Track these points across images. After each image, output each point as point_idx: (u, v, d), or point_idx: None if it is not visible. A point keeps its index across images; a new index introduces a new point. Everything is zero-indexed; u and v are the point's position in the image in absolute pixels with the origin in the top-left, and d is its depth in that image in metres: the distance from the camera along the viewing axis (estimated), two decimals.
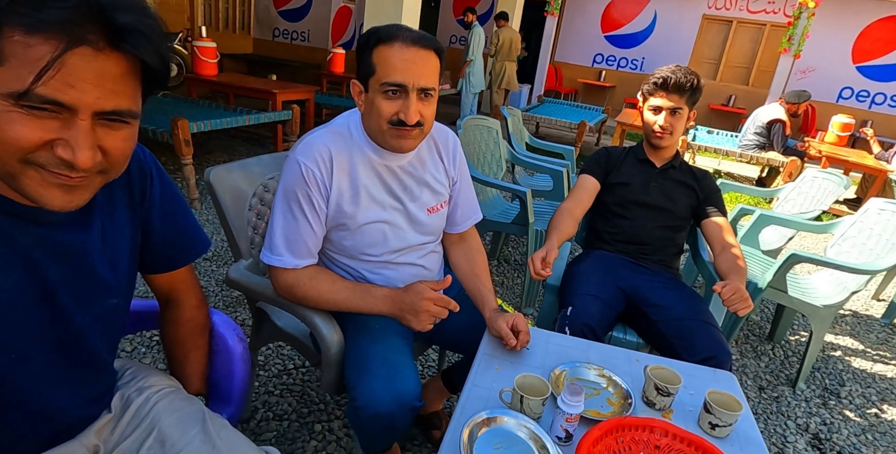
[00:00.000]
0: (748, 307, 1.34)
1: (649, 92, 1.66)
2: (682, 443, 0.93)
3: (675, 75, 1.60)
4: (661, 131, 1.66)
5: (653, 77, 1.65)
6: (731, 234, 1.67)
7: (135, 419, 0.81)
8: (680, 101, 1.62)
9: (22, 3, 0.52)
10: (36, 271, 0.65)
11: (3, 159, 0.56)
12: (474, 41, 6.28)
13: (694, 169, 1.79)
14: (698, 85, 1.62)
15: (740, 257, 1.58)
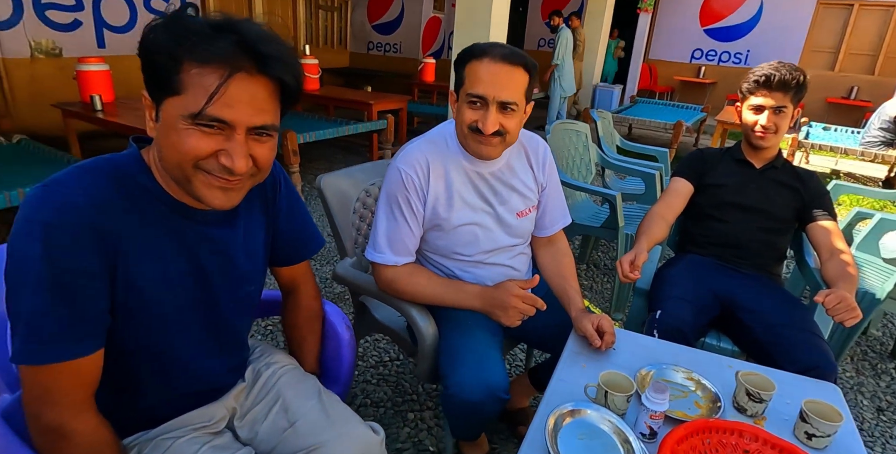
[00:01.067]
0: (856, 317, 1.26)
1: (750, 90, 1.59)
2: (773, 450, 0.92)
3: (779, 72, 1.52)
4: (763, 131, 1.59)
5: (753, 75, 1.58)
6: (840, 240, 1.57)
7: (264, 389, 0.96)
8: (784, 100, 1.55)
9: (196, 40, 0.67)
10: (196, 261, 0.81)
11: (181, 165, 0.71)
12: (561, 44, 6.24)
13: (798, 169, 1.69)
14: (804, 82, 1.54)
15: (851, 264, 1.48)
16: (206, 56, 0.67)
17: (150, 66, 0.69)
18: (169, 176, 0.75)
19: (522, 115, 1.18)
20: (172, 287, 0.78)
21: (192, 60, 0.67)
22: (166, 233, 0.77)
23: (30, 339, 0.66)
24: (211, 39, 0.67)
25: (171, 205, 0.78)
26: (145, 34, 0.69)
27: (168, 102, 0.70)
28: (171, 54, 0.67)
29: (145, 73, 0.70)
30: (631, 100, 6.95)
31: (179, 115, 0.69)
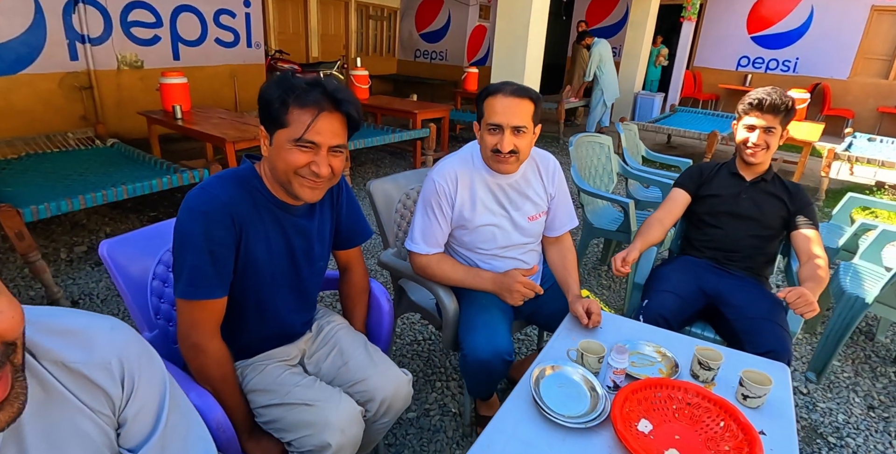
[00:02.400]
0: (813, 311, 1.48)
1: (745, 111, 1.80)
2: (709, 403, 1.19)
3: (770, 97, 1.73)
4: (754, 148, 1.79)
5: (748, 97, 1.78)
6: (818, 246, 1.76)
7: (325, 338, 1.32)
8: (774, 121, 1.74)
9: (298, 93, 1.04)
10: (289, 241, 1.17)
11: (287, 172, 1.08)
12: (593, 61, 6.53)
13: (787, 183, 1.89)
14: (792, 107, 1.75)
15: (822, 267, 1.69)
16: (304, 102, 1.04)
17: (266, 109, 1.06)
18: (275, 181, 1.12)
19: (532, 136, 1.49)
20: (273, 259, 1.15)
21: (296, 105, 1.04)
22: (271, 222, 1.14)
23: (189, 283, 1.04)
24: (307, 92, 1.04)
25: (275, 202, 1.15)
26: (263, 89, 1.06)
27: (279, 133, 1.07)
28: (282, 102, 1.04)
29: (262, 114, 1.08)
30: (670, 109, 7.05)
31: (286, 139, 1.06)
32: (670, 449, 1.09)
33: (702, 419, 1.18)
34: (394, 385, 1.23)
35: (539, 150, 1.65)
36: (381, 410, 1.21)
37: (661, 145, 6.83)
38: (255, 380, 1.17)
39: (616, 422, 1.09)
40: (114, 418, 0.67)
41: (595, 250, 3.43)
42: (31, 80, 5.04)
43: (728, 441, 1.12)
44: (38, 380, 0.60)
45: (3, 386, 0.48)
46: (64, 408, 0.62)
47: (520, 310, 1.62)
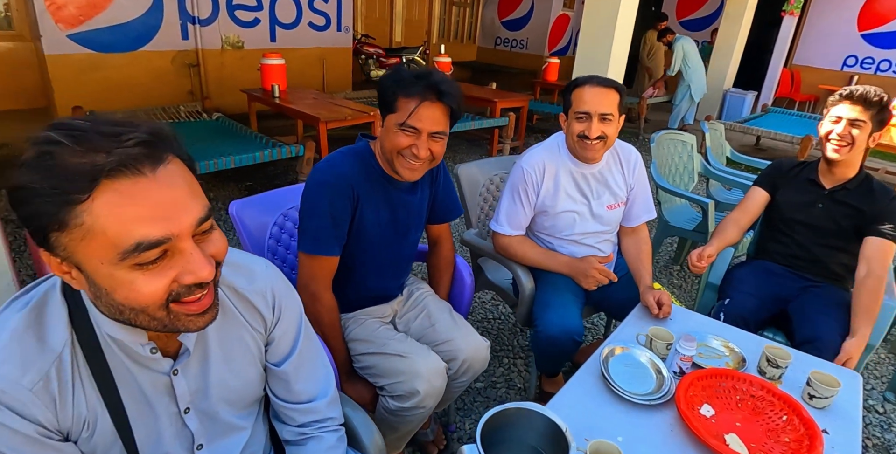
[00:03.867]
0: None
1: (832, 102, 1.67)
2: (773, 397, 1.24)
3: (861, 91, 1.61)
4: (838, 141, 1.63)
5: (840, 91, 1.66)
6: (883, 260, 1.60)
7: (414, 302, 1.49)
8: (863, 114, 1.61)
9: (405, 83, 1.18)
10: (395, 213, 1.33)
11: (391, 152, 1.23)
12: (677, 55, 6.31)
13: (875, 184, 1.73)
14: (885, 102, 1.62)
15: (876, 292, 1.55)
16: (409, 92, 1.18)
17: (381, 95, 1.22)
18: (384, 159, 1.28)
19: (617, 125, 1.57)
20: (380, 227, 1.31)
21: (403, 94, 1.18)
22: (382, 194, 1.30)
23: (313, 240, 1.23)
24: (413, 83, 1.18)
25: (385, 177, 1.31)
26: (381, 78, 1.22)
27: (389, 117, 1.22)
28: (392, 91, 1.19)
29: (379, 99, 1.24)
30: (763, 108, 6.69)
31: (394, 123, 1.21)
32: (731, 433, 1.16)
33: (764, 411, 1.23)
34: (474, 348, 1.37)
35: (622, 141, 1.71)
36: (462, 369, 1.36)
37: (749, 147, 6.53)
38: (356, 331, 1.35)
39: (680, 402, 1.17)
40: (265, 336, 0.84)
41: (668, 249, 3.41)
42: (148, 57, 5.55)
43: (789, 433, 1.17)
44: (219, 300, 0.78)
45: (210, 295, 0.64)
46: (234, 322, 0.80)
47: (591, 295, 1.71)
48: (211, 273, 0.60)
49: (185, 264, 0.59)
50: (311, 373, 0.90)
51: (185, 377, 0.75)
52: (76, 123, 0.54)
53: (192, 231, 0.59)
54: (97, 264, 0.56)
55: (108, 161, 0.52)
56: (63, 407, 0.64)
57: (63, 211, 0.53)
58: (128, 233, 0.54)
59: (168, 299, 0.60)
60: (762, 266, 1.90)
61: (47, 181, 0.52)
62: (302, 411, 0.89)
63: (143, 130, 0.56)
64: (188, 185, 0.59)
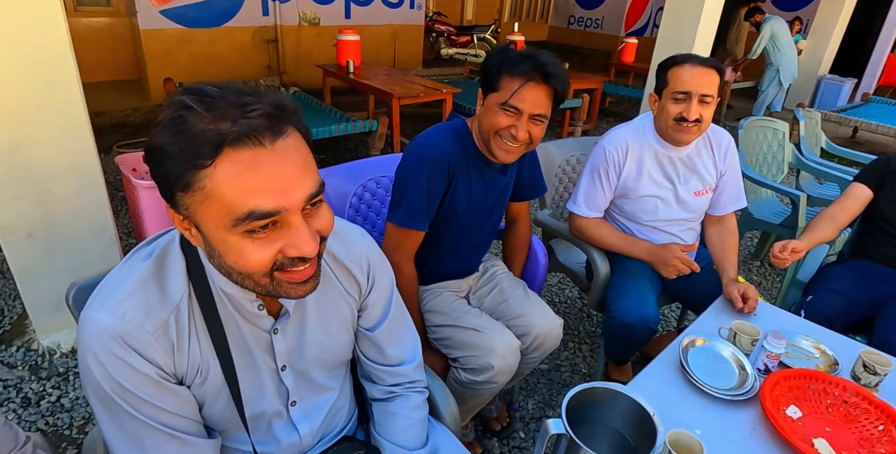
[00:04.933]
0: None
1: None
2: (869, 405, 1.15)
3: None
4: None
5: None
6: None
7: (490, 278, 1.50)
8: None
9: (512, 62, 1.16)
10: (486, 192, 1.33)
11: (489, 132, 1.22)
12: (763, 37, 5.85)
13: None
14: None
15: None
16: (514, 71, 1.16)
17: (485, 73, 1.20)
18: (480, 138, 1.27)
19: (713, 108, 1.48)
20: (471, 205, 1.32)
21: (507, 73, 1.16)
22: (476, 173, 1.30)
23: (406, 213, 1.24)
24: (519, 63, 1.15)
25: (480, 157, 1.30)
26: (487, 56, 1.20)
27: (490, 96, 1.21)
28: (497, 69, 1.18)
29: (482, 77, 1.21)
30: (863, 98, 6.12)
31: (495, 102, 1.19)
32: (819, 438, 1.10)
33: (858, 419, 1.15)
34: (548, 324, 1.36)
35: (714, 125, 1.62)
36: (534, 345, 1.35)
37: (844, 139, 6.02)
38: (432, 303, 1.37)
39: (765, 401, 1.12)
40: (359, 302, 0.87)
41: (749, 244, 3.23)
42: (231, 32, 5.77)
43: (885, 445, 1.09)
44: None
45: (313, 266, 0.67)
46: (331, 287, 0.83)
47: (669, 285, 1.65)
48: (315, 249, 0.62)
49: (292, 238, 0.61)
50: (400, 339, 0.93)
51: (284, 337, 0.79)
52: (207, 90, 0.57)
53: (301, 206, 0.61)
54: (213, 227, 0.59)
55: (232, 130, 0.55)
56: (180, 353, 0.69)
57: (188, 173, 0.56)
58: (242, 202, 0.56)
59: (273, 268, 0.62)
60: (861, 265, 1.76)
61: (177, 144, 0.55)
62: (392, 373, 0.93)
63: (268, 102, 0.58)
64: (303, 159, 0.61)
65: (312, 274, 0.67)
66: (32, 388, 1.76)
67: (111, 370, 0.64)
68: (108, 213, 1.92)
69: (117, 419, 0.67)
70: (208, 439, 0.74)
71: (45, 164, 1.71)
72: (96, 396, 0.66)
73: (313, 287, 0.68)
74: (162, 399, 0.67)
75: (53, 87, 1.66)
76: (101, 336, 0.64)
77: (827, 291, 1.64)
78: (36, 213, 1.76)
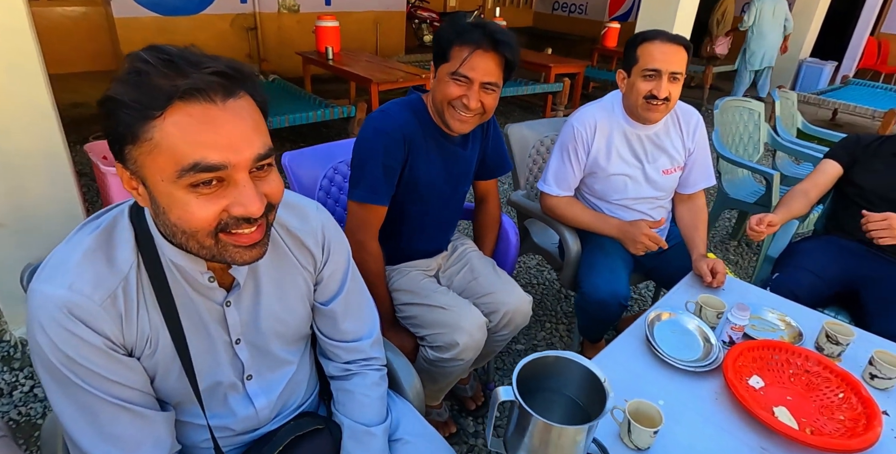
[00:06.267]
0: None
1: None
2: (830, 373, 1.17)
3: None
4: None
5: None
6: None
7: (458, 257, 1.49)
8: None
9: (461, 31, 1.15)
10: (446, 166, 1.33)
11: (442, 103, 1.21)
12: (752, 11, 5.82)
13: None
14: None
15: None
16: (464, 40, 1.15)
17: (436, 45, 1.18)
18: (435, 110, 1.26)
19: (681, 85, 1.48)
20: (430, 180, 1.31)
21: (457, 43, 1.16)
22: (434, 147, 1.29)
23: (365, 189, 1.23)
24: (468, 31, 1.15)
25: (438, 131, 1.29)
26: (438, 28, 1.18)
27: (442, 67, 1.20)
28: (448, 39, 1.17)
29: (433, 50, 1.20)
30: (842, 80, 6.17)
31: (446, 72, 1.19)
32: (780, 406, 1.12)
33: (819, 387, 1.17)
34: (517, 301, 1.36)
35: (682, 103, 1.62)
36: (503, 322, 1.36)
37: (824, 122, 6.07)
38: (400, 282, 1.37)
39: (727, 372, 1.13)
40: (314, 275, 0.87)
41: (727, 224, 3.26)
42: (210, 20, 5.67)
43: (845, 412, 1.11)
44: (272, 238, 0.80)
45: (259, 231, 0.67)
46: (285, 260, 0.82)
47: (641, 262, 1.66)
48: (260, 209, 0.63)
49: (238, 195, 0.61)
50: (357, 314, 0.93)
51: (238, 309, 0.78)
52: (167, 48, 0.58)
53: (249, 165, 0.61)
54: (158, 180, 0.60)
55: (185, 83, 0.56)
56: (128, 324, 0.68)
57: (138, 124, 0.57)
58: (189, 152, 0.58)
59: (217, 228, 0.62)
60: (833, 242, 1.78)
61: (131, 94, 0.56)
62: (347, 349, 0.92)
63: (224, 63, 0.60)
64: (255, 121, 0.62)
65: (259, 239, 0.67)
66: (5, 379, 1.74)
67: (59, 342, 0.63)
68: (77, 202, 1.89)
69: (69, 393, 0.66)
70: (162, 412, 0.73)
71: (12, 153, 1.69)
72: (46, 370, 0.66)
73: (260, 253, 0.68)
74: (112, 370, 0.67)
75: (17, 75, 1.63)
76: (48, 307, 0.63)
77: (795, 268, 1.66)
78: (5, 202, 1.73)
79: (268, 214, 0.67)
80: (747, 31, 5.96)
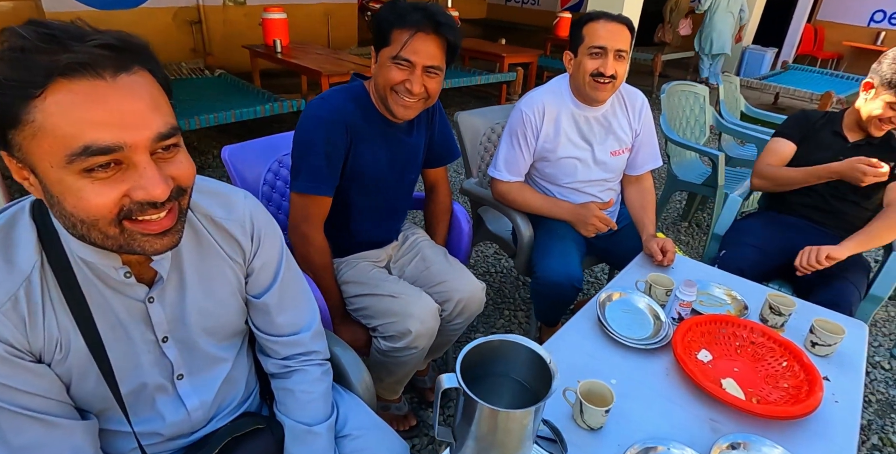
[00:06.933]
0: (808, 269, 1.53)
1: (882, 86, 1.58)
2: (774, 344, 1.21)
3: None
4: (888, 123, 1.63)
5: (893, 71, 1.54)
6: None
7: (409, 247, 1.46)
8: None
9: (401, 13, 1.12)
10: (391, 154, 1.29)
11: (385, 88, 1.18)
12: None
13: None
14: None
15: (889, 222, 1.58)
16: (404, 23, 1.12)
17: (376, 28, 1.14)
18: (377, 97, 1.22)
19: (627, 64, 1.49)
20: (377, 167, 1.27)
21: (398, 26, 1.12)
22: (378, 134, 1.26)
23: (307, 180, 1.18)
24: (409, 13, 1.12)
25: (381, 117, 1.26)
26: (376, 12, 1.14)
27: (383, 51, 1.16)
28: (388, 22, 1.13)
29: (374, 35, 1.16)
30: (783, 66, 6.42)
31: (387, 57, 1.15)
32: (728, 378, 1.14)
33: (764, 358, 1.20)
34: (470, 289, 1.35)
35: (627, 85, 1.63)
36: (457, 310, 1.34)
37: (767, 106, 6.31)
38: (349, 274, 1.33)
39: (676, 347, 1.15)
40: (244, 267, 0.82)
41: (677, 206, 3.34)
42: (150, 13, 5.41)
43: (788, 379, 1.14)
44: (194, 229, 0.75)
45: (170, 217, 0.62)
46: (211, 252, 0.77)
47: (594, 245, 1.67)
48: (165, 192, 0.58)
49: (138, 179, 0.57)
50: (293, 306, 0.88)
51: (162, 305, 0.73)
52: (48, 22, 0.53)
53: (149, 145, 0.56)
54: (47, 167, 0.54)
55: (65, 58, 0.50)
56: (33, 328, 0.63)
57: (16, 105, 0.52)
58: (77, 135, 0.52)
59: (120, 215, 0.58)
60: (775, 217, 1.84)
61: (6, 73, 0.51)
62: (285, 344, 0.88)
63: (113, 35, 0.54)
64: (153, 99, 0.57)
65: (171, 226, 0.62)
66: None
67: None
68: None
69: None
70: (80, 421, 0.68)
71: None
72: None
73: (173, 241, 0.63)
74: (16, 379, 0.62)
75: None
76: None
77: (740, 245, 1.71)
78: None
79: (179, 199, 0.62)
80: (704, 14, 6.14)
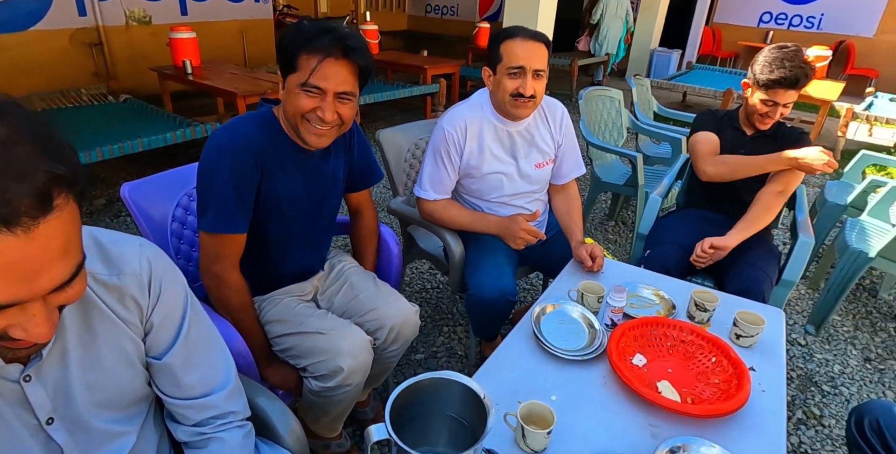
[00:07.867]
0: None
1: (765, 85, 1.67)
2: (702, 340, 1.25)
3: (793, 73, 1.62)
4: (770, 120, 1.75)
5: (769, 70, 1.65)
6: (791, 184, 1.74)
7: (336, 276, 1.39)
8: (794, 95, 1.67)
9: (308, 38, 1.06)
10: (307, 182, 1.23)
11: (295, 116, 1.11)
12: (598, 8, 6.56)
13: (787, 130, 1.82)
14: (811, 74, 1.65)
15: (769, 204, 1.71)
16: (312, 48, 1.06)
17: (281, 53, 1.08)
18: (288, 124, 1.15)
19: (545, 81, 1.50)
20: (292, 197, 1.20)
21: (305, 51, 1.06)
22: (292, 162, 1.19)
23: (215, 217, 1.09)
24: (316, 38, 1.06)
25: (293, 145, 1.19)
26: (281, 34, 1.08)
27: (290, 77, 1.10)
28: (294, 46, 1.07)
29: (278, 58, 1.10)
30: (687, 66, 6.86)
31: (295, 84, 1.09)
32: (663, 380, 1.16)
33: (695, 355, 1.24)
34: (402, 314, 1.30)
35: (547, 97, 1.65)
36: (391, 337, 1.29)
37: (676, 104, 6.70)
38: (272, 312, 1.25)
39: (612, 355, 1.16)
40: (141, 327, 0.73)
41: (603, 206, 3.45)
42: (43, 37, 5.00)
43: (718, 375, 1.18)
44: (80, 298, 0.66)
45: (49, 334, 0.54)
46: (98, 318, 0.68)
47: (525, 255, 1.67)
48: (47, 335, 0.53)
49: (23, 322, 0.51)
50: (203, 362, 0.80)
51: (42, 383, 0.64)
52: None
53: (47, 292, 0.51)
54: None
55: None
56: None
57: None
58: None
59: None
60: (693, 213, 1.93)
61: None
62: (196, 407, 0.79)
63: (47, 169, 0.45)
64: (66, 239, 0.49)
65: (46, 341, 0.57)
66: None
67: None
68: None
69: None
70: None
71: None
72: None
73: (44, 346, 0.59)
74: None
75: None
76: None
77: (663, 243, 1.78)
78: None
79: None
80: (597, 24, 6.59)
